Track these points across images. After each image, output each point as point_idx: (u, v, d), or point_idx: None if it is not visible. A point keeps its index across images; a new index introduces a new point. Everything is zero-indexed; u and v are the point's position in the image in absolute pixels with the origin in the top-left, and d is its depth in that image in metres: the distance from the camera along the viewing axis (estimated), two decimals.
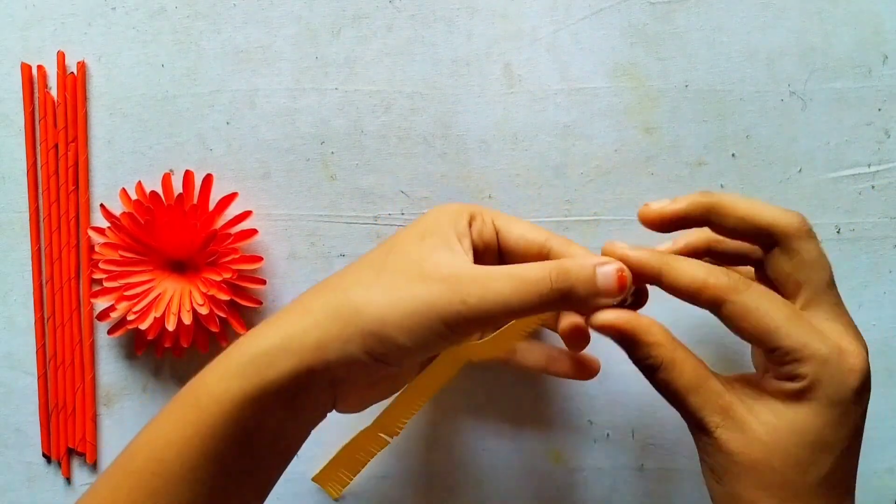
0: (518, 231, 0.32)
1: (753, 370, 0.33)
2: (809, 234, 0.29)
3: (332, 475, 0.37)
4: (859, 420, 0.28)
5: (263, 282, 0.39)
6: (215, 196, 0.39)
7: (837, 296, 0.29)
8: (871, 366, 0.28)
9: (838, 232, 0.40)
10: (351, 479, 0.37)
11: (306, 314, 0.29)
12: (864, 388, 0.28)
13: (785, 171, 0.40)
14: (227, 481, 0.28)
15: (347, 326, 0.28)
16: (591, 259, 0.28)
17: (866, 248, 0.40)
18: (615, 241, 0.30)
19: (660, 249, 0.32)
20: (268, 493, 0.31)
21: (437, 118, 0.39)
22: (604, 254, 0.29)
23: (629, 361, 0.29)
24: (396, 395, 0.34)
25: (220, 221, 0.39)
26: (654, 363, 0.28)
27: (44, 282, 0.40)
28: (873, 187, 0.40)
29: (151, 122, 0.39)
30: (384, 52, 0.39)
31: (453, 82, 0.39)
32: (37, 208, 0.40)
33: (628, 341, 0.28)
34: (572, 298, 0.28)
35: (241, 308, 0.39)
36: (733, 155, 0.39)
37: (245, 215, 0.39)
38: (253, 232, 0.39)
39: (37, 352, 0.40)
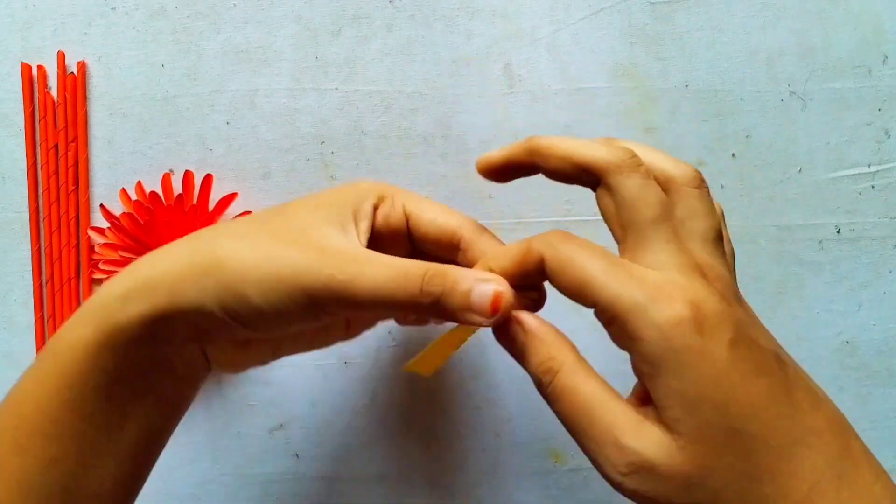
0: (429, 216, 0.30)
1: None
2: (631, 168, 0.26)
3: (423, 363, 0.33)
4: (732, 363, 0.23)
5: None
6: (215, 196, 0.39)
7: (669, 232, 0.25)
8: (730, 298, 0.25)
9: (838, 232, 0.40)
10: (443, 363, 0.33)
11: (165, 258, 0.27)
12: (702, 332, 0.23)
13: (785, 171, 0.40)
14: (96, 435, 0.27)
15: (204, 276, 0.26)
16: (475, 273, 0.26)
17: (866, 248, 0.40)
18: (490, 248, 0.29)
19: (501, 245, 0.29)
20: (153, 457, 0.29)
21: (437, 118, 0.39)
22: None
23: (630, 361, 0.29)
24: None
25: (220, 221, 0.39)
26: (548, 371, 0.26)
27: (44, 282, 0.40)
28: (873, 187, 0.40)
29: (151, 122, 0.39)
30: (384, 52, 0.39)
31: (453, 82, 0.39)
32: (37, 208, 0.40)
33: (519, 356, 0.27)
34: (442, 306, 0.26)
35: None
36: (733, 155, 0.40)
37: (245, 215, 0.39)
38: None
39: (37, 352, 0.40)
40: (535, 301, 0.29)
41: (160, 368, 0.28)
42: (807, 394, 0.24)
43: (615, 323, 0.24)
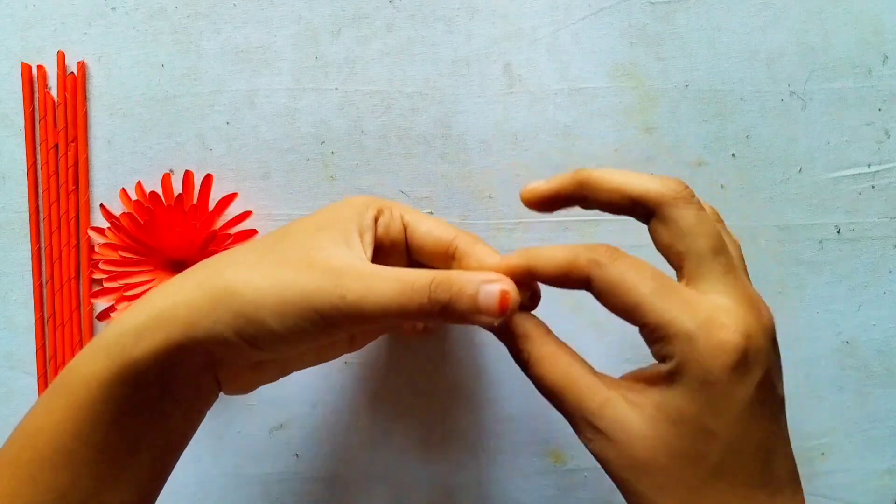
0: (426, 227, 0.31)
1: None
2: (687, 200, 0.27)
3: None
4: (750, 402, 0.25)
5: None
6: (215, 196, 0.39)
7: (727, 264, 0.26)
8: (770, 339, 0.26)
9: (838, 232, 0.40)
10: None
11: (178, 291, 0.27)
12: (742, 365, 0.24)
13: (785, 171, 0.40)
14: (108, 465, 0.27)
15: (218, 306, 0.27)
16: (479, 275, 0.27)
17: (866, 248, 0.40)
18: (487, 256, 0.29)
19: (526, 248, 0.30)
20: (163, 479, 0.29)
21: (437, 118, 0.39)
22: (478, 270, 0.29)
23: (630, 361, 0.29)
24: None
25: (220, 221, 0.39)
26: (523, 358, 0.28)
27: (44, 282, 0.40)
28: (873, 187, 0.40)
29: (151, 122, 0.39)
30: (384, 52, 0.39)
31: (453, 82, 0.39)
32: (37, 208, 0.40)
33: (500, 334, 0.28)
34: (451, 312, 0.27)
35: None
36: (733, 155, 0.39)
37: (245, 215, 0.39)
38: (253, 232, 0.39)
39: (37, 352, 0.40)
40: (532, 296, 0.29)
41: (172, 398, 0.28)
42: (785, 446, 0.26)
43: (660, 344, 0.25)
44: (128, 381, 0.27)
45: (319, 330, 0.27)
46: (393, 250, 0.31)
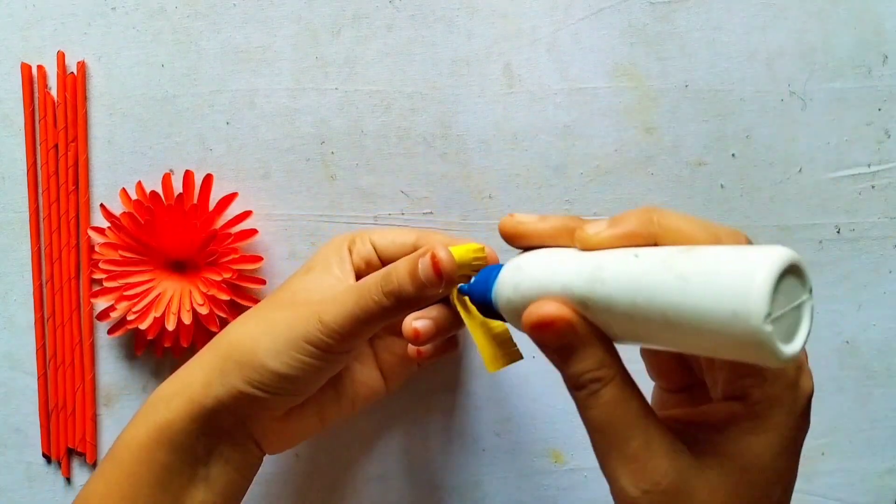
0: (388, 239, 0.34)
1: None
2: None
3: (497, 357, 0.31)
4: (801, 443, 0.25)
5: (263, 282, 0.39)
6: (215, 196, 0.39)
7: None
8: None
9: (838, 232, 0.40)
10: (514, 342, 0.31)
11: (197, 360, 0.32)
12: (809, 409, 0.24)
13: (785, 171, 0.40)
14: None
15: (226, 361, 0.30)
16: (415, 254, 0.29)
17: (866, 248, 0.40)
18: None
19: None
20: None
21: (437, 118, 0.39)
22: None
23: (630, 361, 0.29)
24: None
25: (220, 221, 0.39)
26: (591, 386, 0.24)
27: (44, 282, 0.40)
28: (873, 187, 0.40)
29: (151, 122, 0.39)
30: (384, 52, 0.39)
31: (453, 82, 0.39)
32: (37, 208, 0.40)
33: (562, 349, 0.25)
34: (405, 298, 0.28)
35: (241, 308, 0.39)
36: (733, 155, 0.39)
37: (245, 215, 0.39)
38: (253, 232, 0.39)
39: (37, 352, 0.40)
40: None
41: (213, 459, 0.31)
42: None
43: (748, 379, 0.24)
44: (163, 443, 0.30)
45: (315, 357, 0.29)
46: (371, 270, 0.33)
